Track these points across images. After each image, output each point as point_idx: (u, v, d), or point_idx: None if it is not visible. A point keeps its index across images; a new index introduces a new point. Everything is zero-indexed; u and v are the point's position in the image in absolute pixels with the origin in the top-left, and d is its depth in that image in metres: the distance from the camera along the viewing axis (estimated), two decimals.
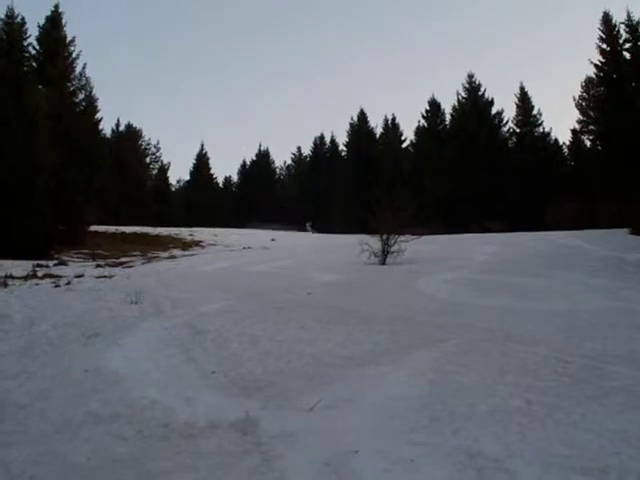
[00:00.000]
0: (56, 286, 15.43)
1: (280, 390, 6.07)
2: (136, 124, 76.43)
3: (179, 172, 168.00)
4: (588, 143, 53.01)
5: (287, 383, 6.31)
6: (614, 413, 5.26)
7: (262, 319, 10.01)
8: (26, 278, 17.69)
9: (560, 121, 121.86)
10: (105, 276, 17.78)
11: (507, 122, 60.95)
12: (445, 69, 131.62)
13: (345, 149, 74.93)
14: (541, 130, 60.00)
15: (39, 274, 18.95)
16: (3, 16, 31.49)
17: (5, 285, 15.58)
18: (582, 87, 49.79)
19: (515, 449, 4.49)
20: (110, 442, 4.77)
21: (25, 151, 27.28)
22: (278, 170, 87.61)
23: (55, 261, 24.45)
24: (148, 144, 77.29)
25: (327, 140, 79.76)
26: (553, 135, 60.72)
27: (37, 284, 16.13)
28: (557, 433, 4.79)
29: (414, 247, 20.71)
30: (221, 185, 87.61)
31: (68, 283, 15.95)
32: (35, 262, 22.12)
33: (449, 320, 9.77)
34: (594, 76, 46.84)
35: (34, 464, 4.35)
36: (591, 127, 49.24)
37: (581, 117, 49.83)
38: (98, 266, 22.92)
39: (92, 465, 4.33)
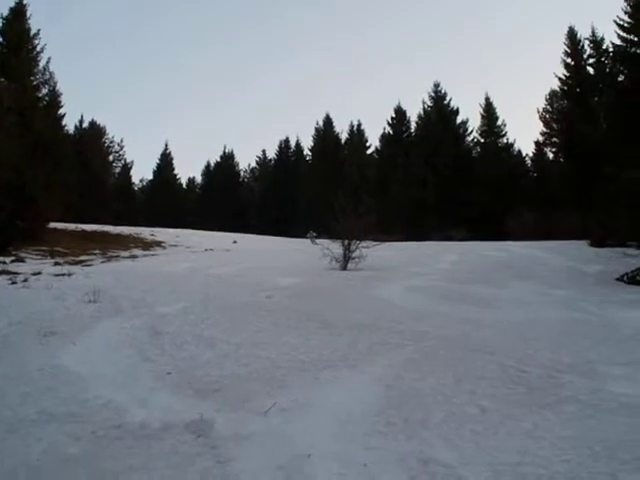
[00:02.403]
0: (12, 283, 15.24)
1: (236, 393, 6.07)
2: (100, 121, 75.80)
3: (142, 171, 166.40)
4: (551, 155, 53.75)
5: (243, 386, 6.32)
6: (566, 422, 5.34)
7: (220, 321, 9.99)
8: None
9: (524, 133, 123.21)
10: (63, 274, 17.58)
11: (472, 132, 61.51)
12: (411, 77, 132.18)
13: (310, 153, 75.08)
14: (505, 141, 60.70)
15: None
16: None
17: None
18: (546, 100, 50.50)
19: (468, 456, 4.55)
20: (63, 442, 4.74)
21: None
22: (242, 173, 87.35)
23: (12, 257, 24.10)
24: (112, 142, 76.52)
25: (292, 144, 79.99)
26: (517, 146, 61.49)
27: None
28: (510, 441, 4.86)
29: (376, 253, 20.76)
30: (184, 186, 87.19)
31: (25, 280, 15.76)
32: None
33: (408, 327, 9.80)
34: (558, 89, 47.54)
35: None
36: (554, 139, 49.89)
37: (545, 129, 50.51)
38: (57, 264, 22.66)
39: (43, 464, 4.30)
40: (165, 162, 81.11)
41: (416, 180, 56.07)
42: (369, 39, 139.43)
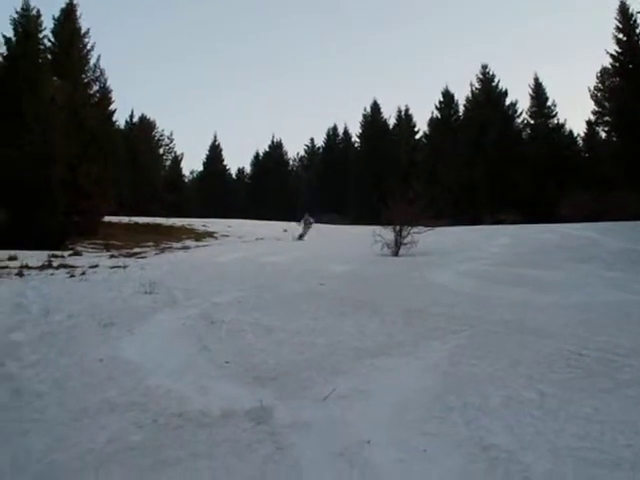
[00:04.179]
0: (71, 276, 15.53)
1: (293, 380, 6.10)
2: (150, 115, 76.82)
3: (192, 163, 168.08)
4: (603, 134, 52.67)
5: (300, 373, 6.34)
6: (627, 406, 5.26)
7: (275, 310, 10.06)
8: (41, 268, 17.81)
9: (575, 112, 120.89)
10: (119, 266, 17.85)
11: (521, 113, 60.71)
12: (459, 60, 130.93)
13: (358, 140, 74.92)
14: (555, 121, 59.74)
15: (54, 264, 19.06)
16: (19, 9, 31.74)
17: (21, 275, 15.71)
18: (597, 78, 49.47)
19: (528, 441, 4.50)
20: (126, 430, 4.82)
21: (40, 142, 27.48)
22: (291, 161, 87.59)
23: (70, 251, 24.64)
24: (162, 135, 77.70)
25: (340, 131, 79.99)
26: (567, 126, 60.44)
27: (52, 274, 16.23)
28: (570, 425, 4.79)
29: (427, 239, 20.70)
30: (234, 176, 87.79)
31: (83, 273, 16.04)
32: (50, 252, 22.30)
33: (462, 312, 9.75)
34: (610, 66, 46.55)
35: (52, 450, 4.41)
36: (606, 118, 48.90)
37: (596, 108, 49.54)
38: (112, 256, 23.06)
39: (108, 452, 4.38)
40: (214, 153, 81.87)
41: (465, 164, 55.57)
42: (415, 23, 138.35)
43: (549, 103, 59.80)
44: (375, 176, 60.92)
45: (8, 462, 4.25)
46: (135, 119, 74.47)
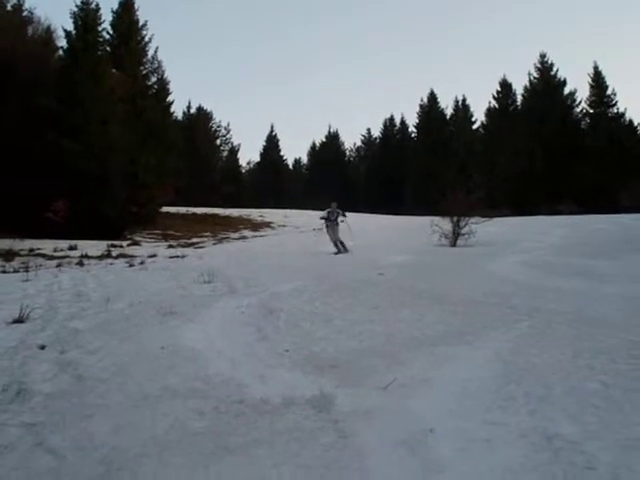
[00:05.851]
0: (130, 265, 15.76)
1: (354, 369, 6.08)
2: (207, 106, 77.74)
3: (249, 154, 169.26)
4: None
5: (360, 362, 6.32)
6: None
7: (334, 299, 10.05)
8: (101, 258, 18.16)
9: (637, 101, 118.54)
10: (177, 256, 18.08)
11: (580, 102, 59.85)
12: (516, 49, 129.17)
13: (415, 130, 74.67)
14: (615, 110, 58.65)
15: (113, 254, 19.42)
16: (79, 2, 32.31)
17: (81, 264, 16.03)
18: None
19: (592, 431, 4.41)
20: (187, 416, 4.85)
21: (100, 134, 27.95)
22: (348, 152, 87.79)
23: (128, 241, 25.10)
24: (219, 126, 78.68)
25: (397, 122, 79.85)
26: (628, 116, 59.25)
27: (112, 264, 16.52)
28: (635, 416, 4.69)
29: (485, 229, 20.57)
30: (291, 167, 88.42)
31: (142, 263, 16.28)
32: (109, 242, 22.77)
33: (522, 302, 9.64)
34: None
35: (115, 435, 4.46)
36: None
37: None
38: (170, 246, 23.41)
39: (171, 438, 4.41)
40: (271, 144, 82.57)
41: (523, 154, 54.97)
42: (472, 14, 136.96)
43: (609, 92, 58.85)
44: (432, 166, 60.76)
45: (71, 446, 4.30)
46: (192, 110, 75.68)
